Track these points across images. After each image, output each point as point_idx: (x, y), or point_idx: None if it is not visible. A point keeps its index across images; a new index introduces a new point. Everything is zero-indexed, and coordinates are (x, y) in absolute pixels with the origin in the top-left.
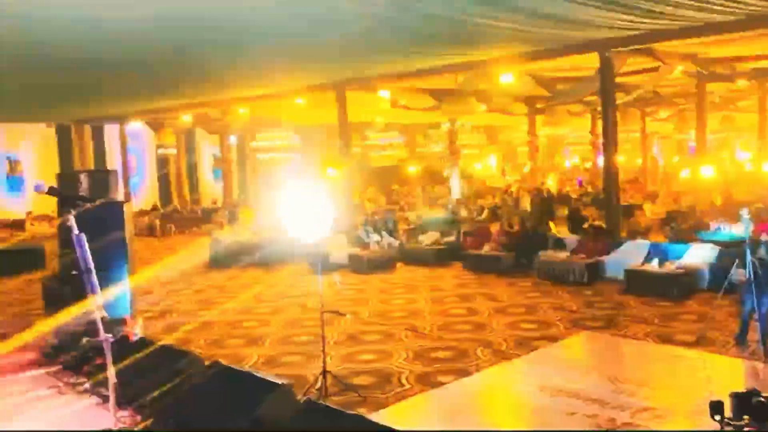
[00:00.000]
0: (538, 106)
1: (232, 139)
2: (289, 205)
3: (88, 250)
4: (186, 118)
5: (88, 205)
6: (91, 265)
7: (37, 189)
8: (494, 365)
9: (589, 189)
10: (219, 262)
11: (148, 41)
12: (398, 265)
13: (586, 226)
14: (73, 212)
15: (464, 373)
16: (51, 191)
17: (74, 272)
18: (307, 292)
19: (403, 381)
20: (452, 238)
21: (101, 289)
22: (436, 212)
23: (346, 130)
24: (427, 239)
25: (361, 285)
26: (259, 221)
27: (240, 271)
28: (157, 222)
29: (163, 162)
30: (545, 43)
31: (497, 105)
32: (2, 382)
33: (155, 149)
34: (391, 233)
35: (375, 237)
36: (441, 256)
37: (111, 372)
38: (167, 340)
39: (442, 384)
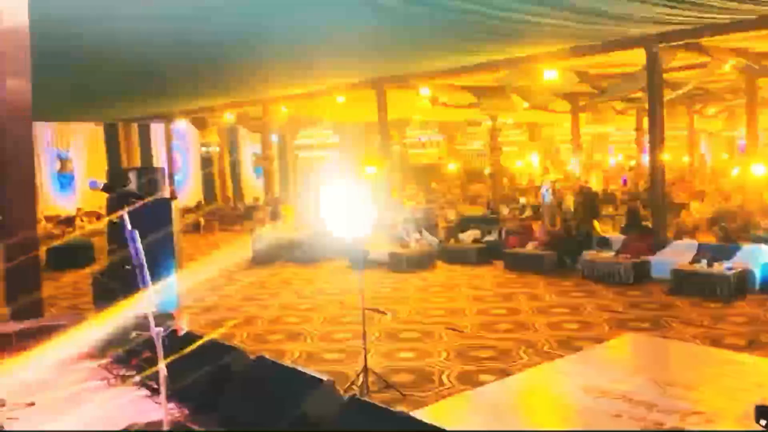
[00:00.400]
0: (582, 103)
1: (273, 138)
2: (330, 202)
3: (140, 246)
4: (229, 117)
5: (141, 201)
6: (144, 261)
7: (93, 186)
8: (537, 365)
9: (632, 188)
10: (261, 258)
11: (191, 40)
12: (438, 263)
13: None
14: (127, 209)
15: (506, 372)
16: (105, 188)
17: (127, 267)
18: (347, 289)
19: (444, 380)
20: (493, 237)
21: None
22: (476, 210)
23: (386, 128)
24: (467, 237)
25: (400, 283)
26: (299, 218)
27: (281, 268)
28: (201, 219)
29: (206, 160)
30: (590, 38)
31: (539, 102)
32: (55, 373)
33: (199, 147)
34: (430, 232)
35: (414, 235)
36: (481, 255)
37: (162, 365)
38: (212, 335)
39: (484, 383)
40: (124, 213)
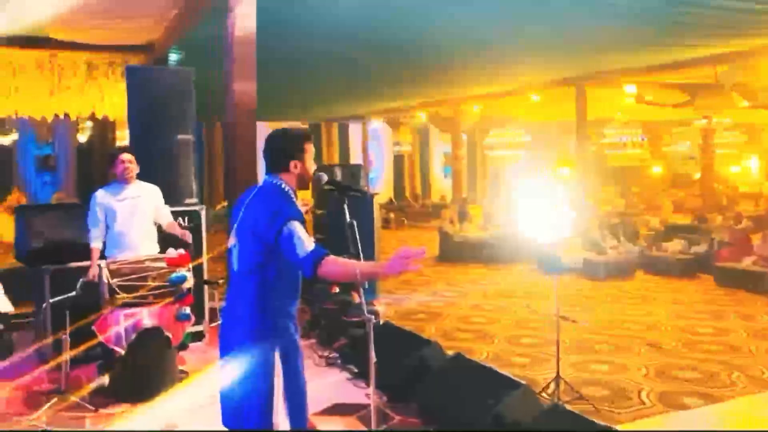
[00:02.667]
0: None
1: (463, 137)
2: (525, 203)
3: (357, 236)
4: (421, 117)
5: (359, 195)
6: (360, 251)
7: (318, 180)
8: (751, 394)
9: None
10: (447, 256)
11: (393, 43)
12: (637, 273)
13: None
14: (347, 201)
15: (713, 398)
16: (329, 182)
17: (345, 256)
18: (535, 293)
19: (643, 398)
20: (702, 248)
21: None
22: (683, 218)
23: (584, 128)
24: (671, 247)
25: (594, 291)
26: (487, 219)
27: (467, 267)
28: (392, 215)
29: (398, 158)
30: None
31: (764, 100)
32: None
33: (392, 146)
34: (630, 239)
35: (612, 242)
36: (687, 267)
37: (371, 351)
38: (405, 327)
39: (689, 407)
40: (345, 206)
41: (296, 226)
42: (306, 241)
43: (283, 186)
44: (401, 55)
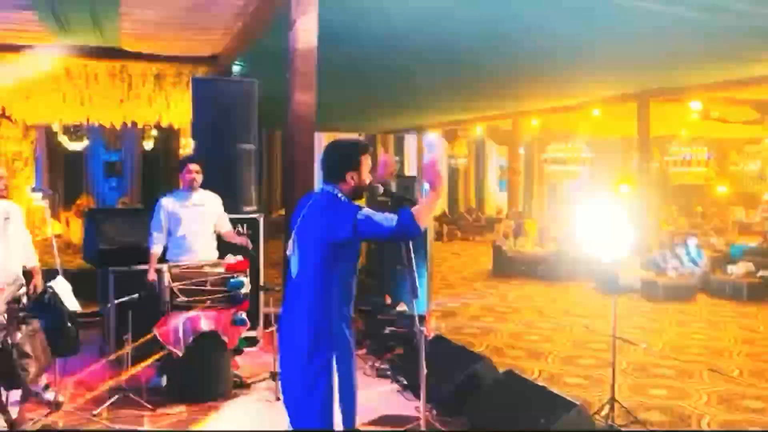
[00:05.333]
0: None
1: (520, 151)
2: (583, 220)
3: (411, 248)
4: (478, 130)
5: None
6: (414, 263)
7: (373, 191)
8: None
9: None
10: (501, 271)
11: (449, 56)
12: (699, 296)
13: None
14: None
15: None
16: (385, 192)
17: (398, 267)
18: (592, 313)
19: (704, 426)
20: None
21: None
22: (751, 240)
23: (647, 144)
24: (737, 270)
25: (654, 314)
26: (543, 234)
27: (521, 283)
28: (445, 227)
29: (452, 171)
30: None
31: None
32: None
33: (447, 158)
34: (693, 260)
35: (673, 262)
36: (755, 291)
37: (423, 364)
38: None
39: None
40: None
41: (366, 210)
42: (384, 215)
43: (338, 195)
44: (461, 69)
